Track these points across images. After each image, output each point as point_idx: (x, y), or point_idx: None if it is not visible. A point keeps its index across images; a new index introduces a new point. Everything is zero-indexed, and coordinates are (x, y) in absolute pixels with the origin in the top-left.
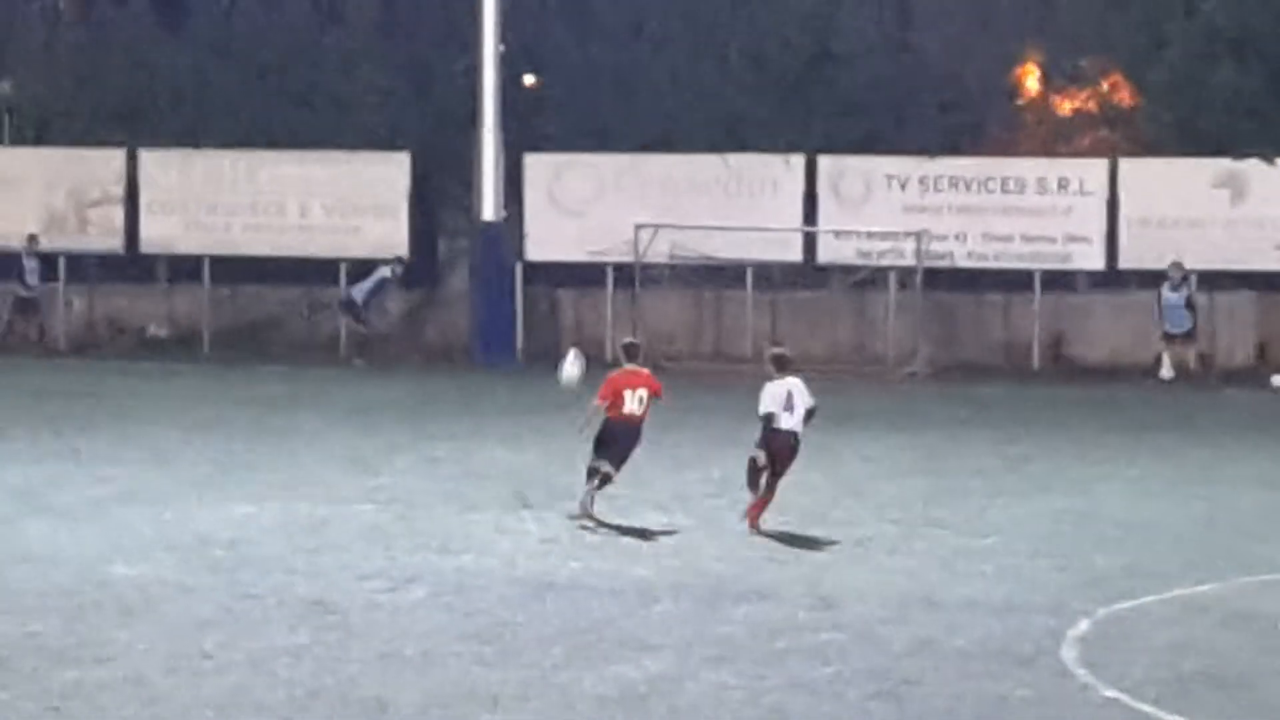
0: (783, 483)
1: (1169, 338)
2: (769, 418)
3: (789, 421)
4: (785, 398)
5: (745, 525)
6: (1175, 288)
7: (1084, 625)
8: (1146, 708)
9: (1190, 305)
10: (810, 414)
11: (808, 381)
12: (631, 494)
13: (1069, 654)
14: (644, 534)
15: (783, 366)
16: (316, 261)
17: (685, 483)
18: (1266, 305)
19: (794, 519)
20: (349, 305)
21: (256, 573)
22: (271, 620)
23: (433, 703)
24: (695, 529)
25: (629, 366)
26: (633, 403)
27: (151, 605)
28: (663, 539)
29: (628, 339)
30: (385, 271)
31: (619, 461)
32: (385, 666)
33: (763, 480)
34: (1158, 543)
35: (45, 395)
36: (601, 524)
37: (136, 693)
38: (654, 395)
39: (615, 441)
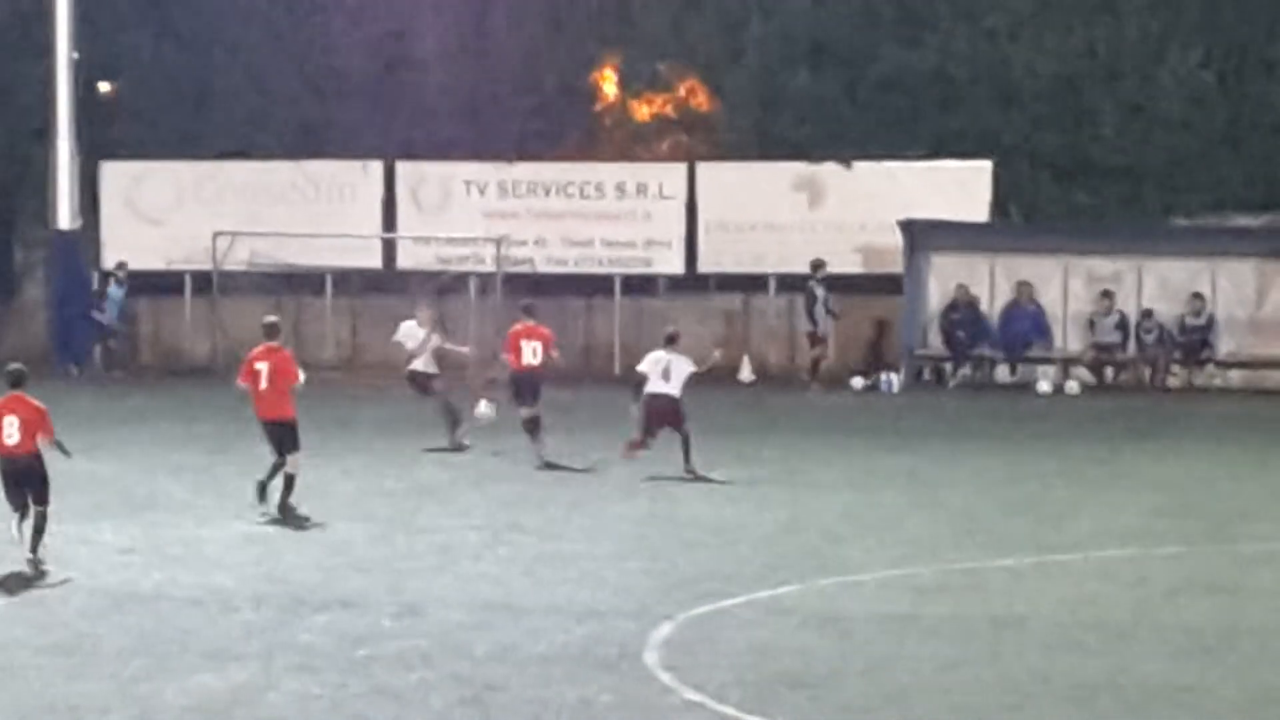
0: (367, 488)
1: (814, 336)
2: (642, 378)
3: (663, 386)
4: (663, 367)
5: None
6: (820, 284)
7: (667, 629)
8: (729, 710)
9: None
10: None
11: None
12: (212, 504)
13: (652, 657)
14: (225, 543)
15: (669, 341)
16: None
17: (267, 491)
18: (846, 308)
19: (376, 526)
20: (103, 329)
21: None
22: None
23: (12, 716)
24: (277, 538)
25: (528, 322)
26: (529, 354)
27: None
28: (245, 548)
29: (526, 300)
30: (111, 283)
31: (535, 400)
32: None
33: (639, 431)
34: (740, 546)
35: None
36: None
37: None
38: (546, 347)
39: (524, 387)
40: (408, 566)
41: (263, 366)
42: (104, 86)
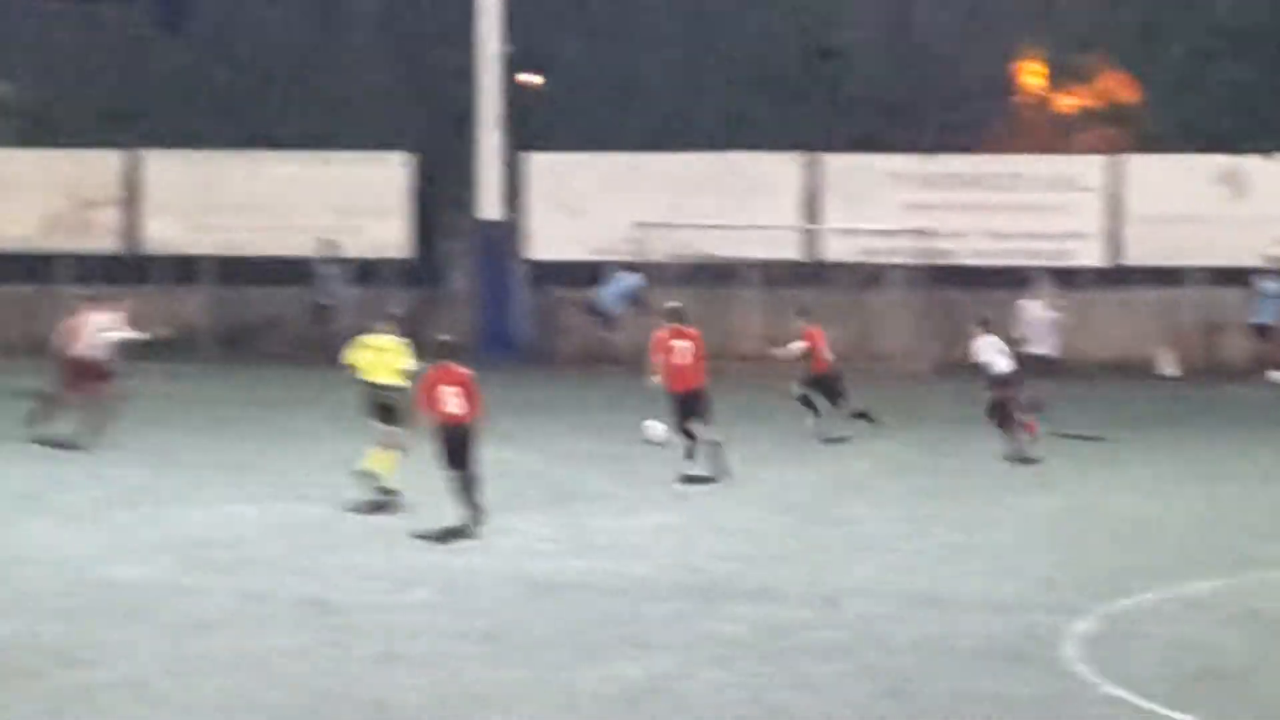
0: (785, 479)
1: (1260, 330)
2: (988, 365)
3: (1006, 365)
4: (997, 348)
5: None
6: (1276, 278)
7: (1086, 622)
8: (1147, 705)
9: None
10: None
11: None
12: (632, 493)
13: (1070, 651)
14: (646, 533)
15: (987, 328)
16: (317, 262)
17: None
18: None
19: (796, 517)
20: (594, 309)
21: (258, 573)
22: (273, 621)
23: (433, 703)
24: (697, 528)
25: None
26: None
27: (153, 607)
28: (664, 538)
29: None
30: (636, 279)
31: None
32: (386, 667)
33: (1013, 415)
34: (1160, 540)
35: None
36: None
37: (137, 694)
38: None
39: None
40: (826, 558)
41: (681, 343)
42: (529, 78)
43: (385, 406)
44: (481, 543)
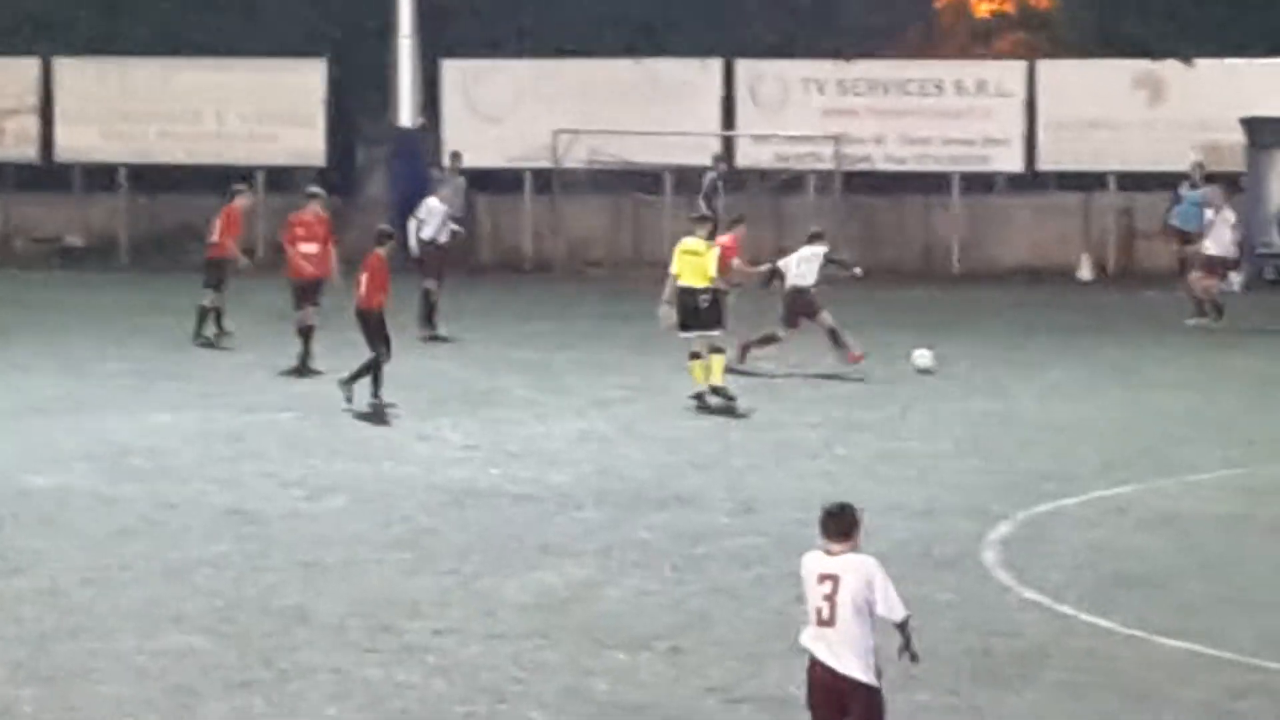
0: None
1: (1180, 236)
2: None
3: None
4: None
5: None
6: (1194, 186)
7: (1004, 528)
8: (1066, 609)
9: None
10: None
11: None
12: (551, 401)
13: (989, 556)
14: (564, 440)
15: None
16: (234, 169)
17: (604, 388)
18: None
19: (713, 424)
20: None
21: (175, 482)
22: (191, 530)
23: (354, 611)
24: (615, 435)
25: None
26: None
27: (69, 516)
28: (583, 445)
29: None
30: (712, 174)
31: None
32: (306, 575)
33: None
34: (1076, 445)
35: None
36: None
37: (54, 603)
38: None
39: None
40: (745, 464)
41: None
42: None
43: (697, 309)
44: (399, 450)
